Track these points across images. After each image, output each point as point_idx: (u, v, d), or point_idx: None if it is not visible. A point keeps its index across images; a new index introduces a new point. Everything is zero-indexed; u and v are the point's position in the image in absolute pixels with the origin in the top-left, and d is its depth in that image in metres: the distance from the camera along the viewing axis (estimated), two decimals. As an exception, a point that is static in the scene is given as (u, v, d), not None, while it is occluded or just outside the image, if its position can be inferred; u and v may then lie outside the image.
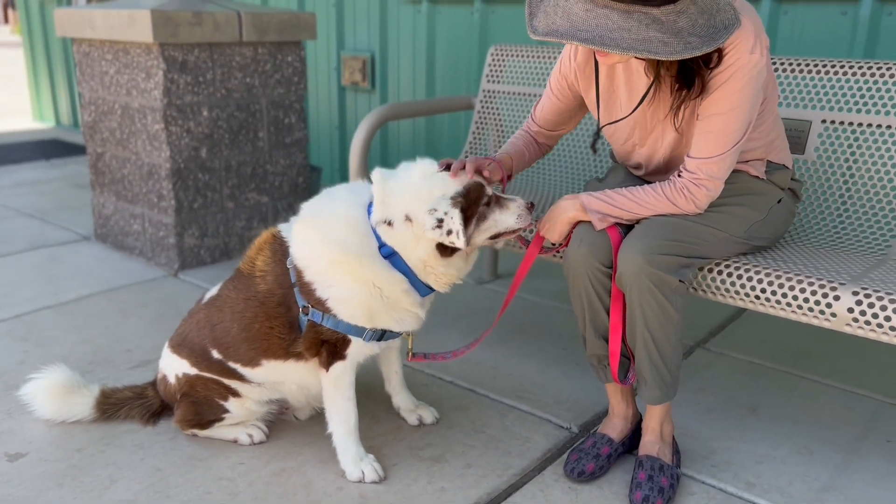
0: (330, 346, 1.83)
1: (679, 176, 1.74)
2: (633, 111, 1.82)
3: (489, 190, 1.79)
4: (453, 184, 1.74)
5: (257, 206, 3.56)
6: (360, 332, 1.81)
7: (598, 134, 1.93)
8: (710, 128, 1.67)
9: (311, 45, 4.76)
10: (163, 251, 3.36)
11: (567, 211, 1.82)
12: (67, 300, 2.97)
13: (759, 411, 2.22)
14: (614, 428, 1.97)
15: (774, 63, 2.31)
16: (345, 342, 1.82)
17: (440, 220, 1.69)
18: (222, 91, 3.30)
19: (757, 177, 1.86)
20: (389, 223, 1.75)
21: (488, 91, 2.96)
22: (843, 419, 2.18)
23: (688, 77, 1.66)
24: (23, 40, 7.41)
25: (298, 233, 1.83)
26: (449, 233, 1.69)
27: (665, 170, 1.92)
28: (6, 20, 38.13)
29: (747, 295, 1.77)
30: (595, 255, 1.77)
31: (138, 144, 3.32)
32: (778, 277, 1.73)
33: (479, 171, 1.80)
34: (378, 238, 1.77)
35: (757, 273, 1.76)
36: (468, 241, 1.72)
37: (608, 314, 1.81)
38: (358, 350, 1.85)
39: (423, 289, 1.82)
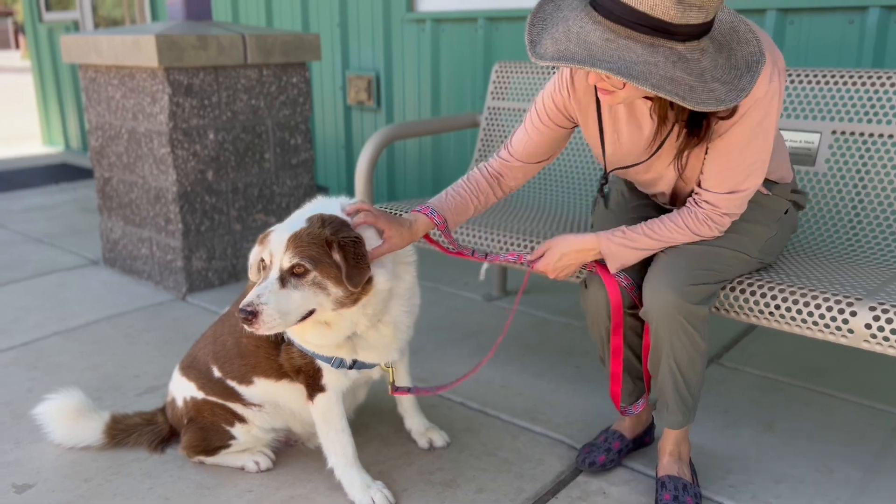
0: (306, 375, 1.79)
1: (699, 206, 1.67)
2: (648, 158, 1.71)
3: (267, 257, 1.60)
4: (296, 223, 1.62)
5: (265, 228, 3.55)
6: (326, 358, 1.76)
7: (606, 178, 1.86)
8: (728, 163, 1.59)
9: (317, 66, 4.77)
10: (171, 275, 3.35)
11: (584, 255, 1.75)
12: (76, 326, 2.97)
13: (776, 428, 2.18)
14: (627, 427, 2.01)
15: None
16: (317, 371, 1.78)
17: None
18: (228, 113, 3.31)
19: (761, 192, 1.82)
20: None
21: (493, 108, 2.95)
22: (862, 435, 2.14)
23: (697, 123, 1.56)
24: (32, 67, 7.49)
25: None
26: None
27: (669, 192, 1.87)
28: (17, 45, 38.65)
29: (761, 312, 1.73)
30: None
31: (145, 168, 3.33)
32: (792, 293, 1.70)
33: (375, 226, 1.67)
34: None
35: (771, 290, 1.73)
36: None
37: (630, 349, 1.85)
38: (334, 380, 1.79)
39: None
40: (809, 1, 2.85)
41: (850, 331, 1.61)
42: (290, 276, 1.57)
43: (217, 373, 1.92)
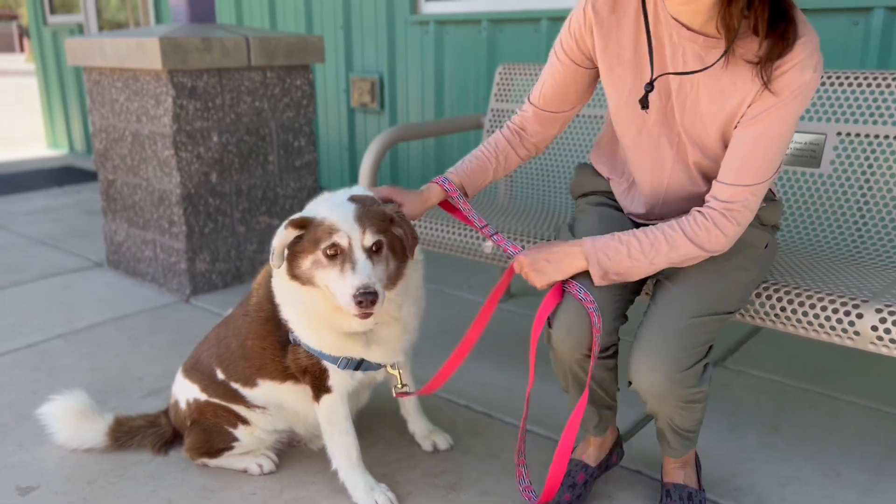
0: (312, 378, 1.79)
1: (706, 209, 1.51)
2: (712, 64, 1.47)
3: (342, 239, 1.54)
4: (322, 207, 1.60)
5: (268, 230, 3.55)
6: (333, 359, 1.75)
7: (651, 84, 1.56)
8: (756, 150, 1.47)
9: (320, 68, 4.78)
10: (174, 277, 3.36)
11: (574, 259, 1.56)
12: (80, 328, 2.97)
13: (781, 430, 2.17)
14: (590, 455, 1.87)
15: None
16: (323, 372, 1.77)
17: (278, 233, 1.58)
18: (231, 116, 3.31)
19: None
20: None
21: (497, 110, 2.94)
22: (868, 437, 2.13)
23: (779, 17, 1.39)
24: (37, 70, 7.51)
25: None
26: (272, 249, 1.60)
27: (661, 208, 1.70)
28: (22, 49, 38.78)
29: (766, 314, 1.73)
30: (584, 346, 1.60)
31: (149, 171, 3.33)
32: (798, 296, 1.69)
33: (388, 199, 1.66)
34: None
35: (776, 292, 1.72)
36: (295, 272, 1.59)
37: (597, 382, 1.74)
38: (340, 380, 1.78)
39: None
40: (814, 2, 2.85)
41: (857, 333, 1.60)
42: (370, 255, 1.56)
43: (221, 375, 1.92)
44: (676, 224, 1.53)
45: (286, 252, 1.62)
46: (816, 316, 1.66)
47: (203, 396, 1.95)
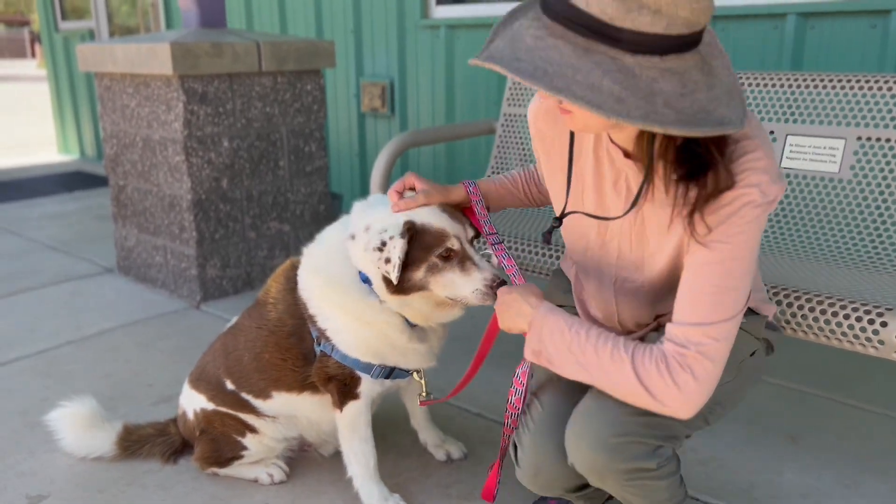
0: (339, 385, 1.76)
1: (663, 345, 1.23)
2: (627, 212, 1.31)
3: (454, 243, 1.54)
4: (415, 213, 1.56)
5: (279, 236, 3.54)
6: (367, 368, 1.73)
7: (559, 220, 1.46)
8: (708, 280, 1.21)
9: (331, 73, 4.77)
10: (185, 283, 3.34)
11: (522, 319, 1.36)
12: (90, 334, 2.96)
13: (800, 440, 2.13)
14: None
15: (806, 80, 2.25)
16: (354, 380, 1.75)
17: (383, 244, 1.52)
18: (242, 121, 3.30)
19: None
20: (353, 237, 1.61)
21: (509, 115, 2.92)
22: (889, 447, 2.08)
23: (695, 166, 1.18)
24: (48, 75, 7.54)
25: (303, 262, 1.79)
26: (387, 261, 1.52)
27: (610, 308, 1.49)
28: (33, 55, 39.09)
29: (787, 322, 1.69)
30: (558, 487, 1.48)
31: (159, 176, 3.32)
32: (820, 303, 1.66)
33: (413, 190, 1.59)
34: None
35: (797, 299, 1.69)
36: (406, 284, 1.55)
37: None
38: (369, 388, 1.77)
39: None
40: (831, 5, 2.81)
41: (881, 342, 1.56)
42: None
43: (230, 385, 1.89)
44: (632, 344, 1.23)
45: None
46: (839, 324, 1.62)
47: (210, 406, 1.93)
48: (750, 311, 1.46)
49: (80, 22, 7.07)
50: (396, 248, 1.50)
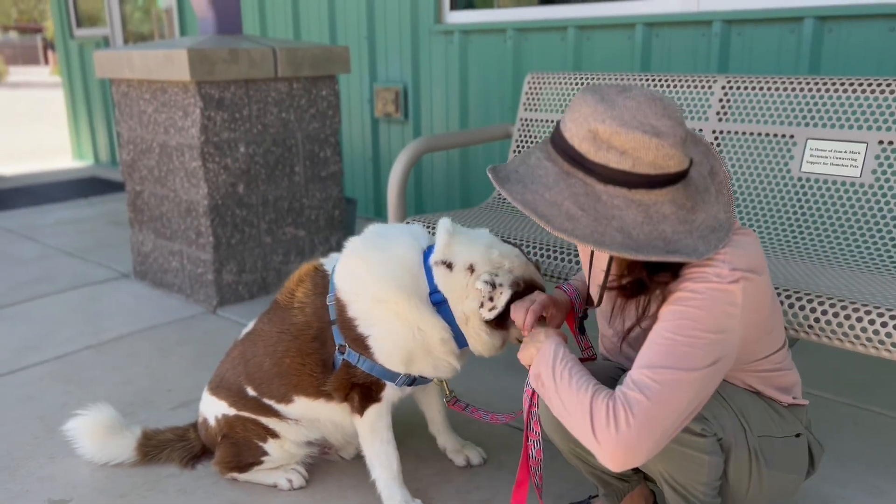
0: (362, 390, 1.78)
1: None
2: (597, 301, 1.49)
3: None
4: (522, 267, 1.72)
5: (294, 241, 3.55)
6: (393, 377, 1.77)
7: (584, 313, 1.69)
8: (666, 333, 1.28)
9: (344, 78, 4.79)
10: (201, 288, 3.36)
11: (538, 343, 1.47)
12: (108, 339, 2.97)
13: (826, 447, 2.10)
14: None
15: (826, 84, 2.24)
16: (378, 385, 1.78)
17: (493, 286, 1.66)
18: (258, 127, 3.31)
19: (778, 401, 1.50)
20: (449, 265, 1.71)
21: (525, 119, 2.92)
22: (914, 455, 2.06)
23: (638, 287, 1.37)
24: (62, 81, 7.60)
25: (347, 266, 1.79)
26: (490, 299, 1.66)
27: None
28: (46, 61, 39.44)
29: (811, 327, 1.68)
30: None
31: (176, 182, 3.34)
32: (844, 308, 1.64)
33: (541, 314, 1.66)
34: (430, 283, 1.73)
35: (821, 304, 1.68)
36: (496, 324, 1.69)
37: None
38: (392, 392, 1.81)
39: (462, 341, 1.77)
40: (848, 9, 2.80)
41: (908, 348, 1.55)
42: None
43: (252, 392, 1.90)
44: (600, 387, 1.29)
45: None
46: (863, 329, 1.61)
47: (232, 411, 1.93)
48: (795, 402, 1.52)
49: (94, 29, 7.13)
50: (503, 297, 1.66)
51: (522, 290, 1.69)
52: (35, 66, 39.55)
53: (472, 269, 1.70)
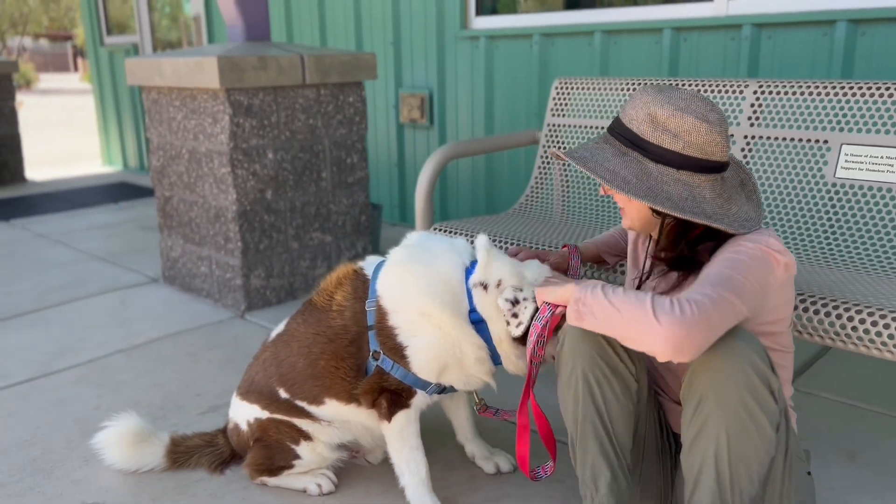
0: (392, 396, 1.79)
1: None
2: (640, 279, 1.69)
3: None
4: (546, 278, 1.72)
5: (321, 246, 3.57)
6: (424, 385, 1.79)
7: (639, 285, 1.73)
8: (718, 267, 1.41)
9: (370, 84, 4.81)
10: (230, 292, 3.39)
11: (566, 290, 1.50)
12: (138, 343, 3.01)
13: (859, 458, 2.07)
14: None
15: (861, 88, 2.20)
16: (409, 392, 1.80)
17: (516, 301, 1.68)
18: (286, 133, 3.34)
19: None
20: (485, 287, 1.73)
21: (553, 125, 2.91)
22: (953, 467, 2.02)
23: (679, 262, 1.53)
24: (93, 88, 7.73)
25: (392, 277, 1.79)
26: (515, 315, 1.67)
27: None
28: (76, 68, 40.13)
29: (847, 336, 1.65)
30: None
31: (205, 188, 3.38)
32: (883, 317, 1.61)
33: (540, 258, 1.89)
34: (470, 302, 1.74)
35: (848, 310, 1.65)
36: (523, 339, 1.71)
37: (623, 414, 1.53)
38: (422, 399, 1.82)
39: (498, 359, 1.79)
40: (882, 11, 2.76)
41: (949, 358, 1.51)
42: None
43: (284, 394, 1.91)
44: (649, 293, 1.38)
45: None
46: (891, 336, 1.58)
47: (265, 414, 1.94)
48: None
49: (124, 37, 7.24)
50: (528, 311, 1.67)
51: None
52: (65, 73, 40.26)
53: (499, 285, 1.72)
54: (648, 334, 1.31)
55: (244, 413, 1.99)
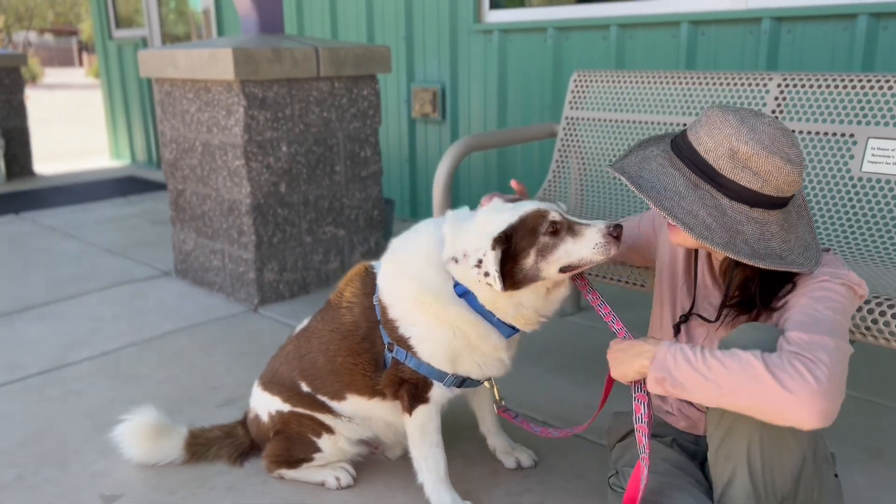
0: (411, 388, 1.76)
1: (782, 349, 1.28)
2: (716, 320, 1.54)
3: (555, 215, 1.60)
4: (506, 220, 1.61)
5: (334, 240, 3.55)
6: (441, 376, 1.74)
7: (685, 318, 1.63)
8: (805, 308, 1.34)
9: (381, 78, 4.78)
10: (242, 286, 3.37)
11: (641, 356, 1.39)
12: (152, 336, 2.99)
13: (884, 455, 2.05)
14: None
15: (888, 81, 2.17)
16: (426, 384, 1.76)
17: (479, 261, 1.59)
18: (300, 126, 3.32)
19: None
20: (455, 260, 1.66)
21: (571, 118, 2.88)
22: (981, 465, 1.99)
23: (749, 303, 1.46)
24: (101, 82, 7.71)
25: (384, 269, 1.79)
26: (486, 274, 1.58)
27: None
28: (81, 63, 40.15)
29: (880, 331, 1.62)
30: None
31: (219, 181, 3.36)
32: (891, 307, 1.59)
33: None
34: (453, 277, 1.69)
35: (891, 307, 1.62)
36: (518, 277, 1.60)
37: None
38: (440, 393, 1.78)
39: (504, 329, 1.71)
40: (907, 4, 2.72)
41: None
42: None
43: (306, 388, 1.89)
44: (760, 353, 1.26)
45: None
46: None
47: (287, 407, 1.92)
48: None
49: (132, 30, 7.22)
50: (490, 262, 1.57)
51: (515, 236, 1.59)
52: (70, 68, 40.29)
53: (465, 256, 1.63)
54: (783, 407, 1.19)
55: (265, 404, 1.97)
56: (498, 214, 1.63)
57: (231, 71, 3.02)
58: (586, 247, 1.56)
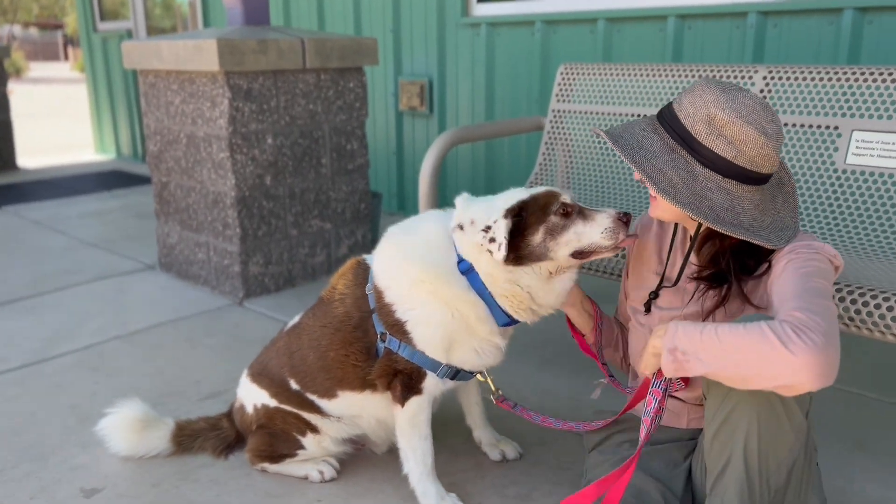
0: (404, 378, 1.75)
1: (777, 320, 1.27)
2: (673, 284, 1.60)
3: (566, 198, 1.64)
4: (518, 196, 1.66)
5: (320, 233, 3.53)
6: (434, 366, 1.73)
7: (655, 295, 1.66)
8: (789, 280, 1.35)
9: (369, 71, 4.76)
10: (227, 280, 3.34)
11: (654, 336, 1.39)
12: (136, 330, 2.97)
13: (867, 446, 2.06)
14: None
15: (872, 74, 2.18)
16: (420, 374, 1.75)
17: (488, 227, 1.62)
18: (286, 118, 3.29)
19: None
20: (461, 227, 1.68)
21: (558, 111, 2.88)
22: (962, 455, 2.01)
23: (719, 278, 1.48)
24: (86, 75, 7.64)
25: (382, 251, 1.79)
26: (491, 240, 1.60)
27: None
28: (66, 57, 39.77)
29: (863, 322, 1.63)
30: None
31: (203, 173, 3.33)
32: (886, 300, 1.59)
33: None
34: (456, 252, 1.70)
35: (874, 297, 1.62)
36: (523, 252, 1.61)
37: None
38: (434, 384, 1.77)
39: (500, 316, 1.71)
40: (891, -2, 2.73)
41: (968, 343, 1.50)
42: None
43: (295, 386, 1.88)
44: (761, 321, 1.26)
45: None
46: (919, 325, 1.56)
47: (273, 402, 1.91)
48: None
49: (117, 22, 7.15)
50: (500, 229, 1.60)
51: (526, 210, 1.63)
52: (55, 62, 39.90)
53: (473, 221, 1.66)
54: (784, 369, 1.19)
55: (252, 396, 1.96)
56: (511, 193, 1.69)
57: (216, 62, 3.00)
58: (596, 230, 1.60)
